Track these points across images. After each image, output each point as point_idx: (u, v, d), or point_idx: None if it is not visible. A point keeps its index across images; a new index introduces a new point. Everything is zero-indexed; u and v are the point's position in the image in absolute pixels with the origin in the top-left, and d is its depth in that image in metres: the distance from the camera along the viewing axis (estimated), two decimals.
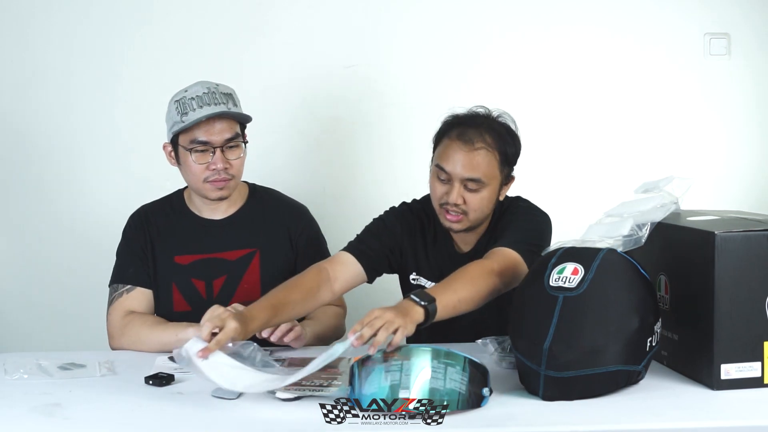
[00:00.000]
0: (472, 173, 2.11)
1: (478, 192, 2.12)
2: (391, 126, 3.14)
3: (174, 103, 2.26)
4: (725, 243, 1.73)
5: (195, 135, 2.23)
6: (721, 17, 3.17)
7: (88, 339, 2.75)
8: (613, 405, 1.69)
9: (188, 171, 2.27)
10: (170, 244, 2.33)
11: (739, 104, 3.21)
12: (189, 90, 2.26)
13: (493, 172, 2.13)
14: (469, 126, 2.14)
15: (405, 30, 3.13)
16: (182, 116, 2.22)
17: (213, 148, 2.23)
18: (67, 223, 3.09)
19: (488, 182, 2.13)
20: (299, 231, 2.37)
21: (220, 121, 2.24)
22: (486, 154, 2.11)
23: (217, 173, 2.24)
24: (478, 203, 2.13)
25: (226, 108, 2.24)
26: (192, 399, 1.76)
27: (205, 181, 2.26)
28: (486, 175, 2.12)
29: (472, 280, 1.95)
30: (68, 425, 1.65)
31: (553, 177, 3.11)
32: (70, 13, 3.05)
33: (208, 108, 2.21)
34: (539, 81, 3.15)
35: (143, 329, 2.19)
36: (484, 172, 2.11)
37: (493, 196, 2.16)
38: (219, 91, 2.26)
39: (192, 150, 2.23)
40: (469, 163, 2.11)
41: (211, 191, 2.27)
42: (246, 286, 2.28)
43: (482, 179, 2.11)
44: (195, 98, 2.23)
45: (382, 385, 1.64)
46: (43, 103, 3.07)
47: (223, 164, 2.24)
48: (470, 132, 2.13)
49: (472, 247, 2.25)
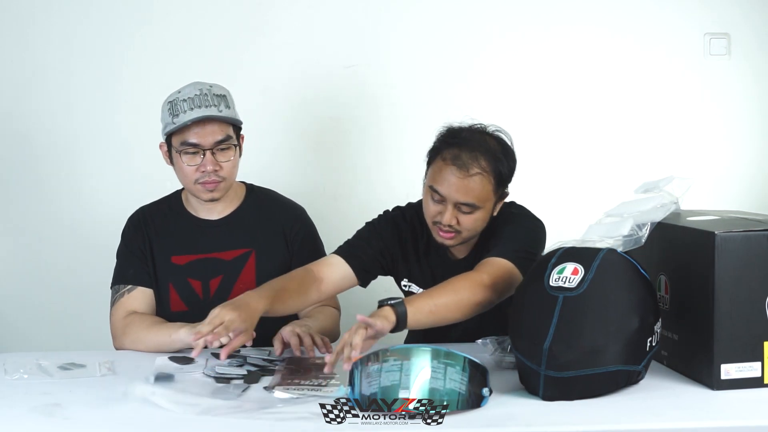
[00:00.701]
0: (466, 199, 2.08)
1: (471, 214, 2.10)
2: (391, 126, 3.14)
3: (167, 104, 2.27)
4: (725, 243, 1.73)
5: (185, 137, 2.23)
6: (721, 17, 3.17)
7: (88, 339, 2.76)
8: (613, 405, 1.69)
9: (180, 172, 2.29)
10: (167, 244, 2.34)
11: (739, 104, 3.21)
12: (182, 91, 2.26)
13: (487, 196, 2.10)
14: (463, 148, 2.09)
15: (405, 30, 3.13)
16: (173, 117, 2.23)
17: (203, 150, 2.23)
18: (67, 223, 3.09)
19: (482, 205, 2.10)
20: (294, 231, 2.38)
21: (210, 123, 2.23)
22: (481, 179, 2.08)
23: (207, 175, 2.24)
24: (471, 224, 2.11)
25: (217, 111, 2.23)
26: (192, 399, 1.75)
27: (195, 182, 2.26)
28: (480, 199, 2.09)
29: (455, 289, 1.96)
30: (68, 425, 1.65)
31: (553, 177, 3.11)
32: (70, 13, 3.05)
33: (198, 110, 2.21)
34: (540, 81, 3.15)
35: (141, 330, 2.19)
36: (478, 197, 2.08)
37: (487, 216, 2.14)
38: (212, 93, 2.25)
39: (182, 152, 2.24)
40: (463, 189, 2.07)
41: (203, 193, 2.28)
42: (242, 286, 2.29)
43: (476, 204, 2.09)
44: (187, 100, 2.23)
45: (382, 385, 1.64)
46: (43, 103, 3.07)
47: (213, 166, 2.24)
48: (465, 156, 2.08)
49: (467, 254, 2.23)
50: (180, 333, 2.10)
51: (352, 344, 1.78)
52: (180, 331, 2.11)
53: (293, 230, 2.38)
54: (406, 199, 2.36)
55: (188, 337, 2.05)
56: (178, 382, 1.88)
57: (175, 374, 1.91)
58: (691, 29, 3.17)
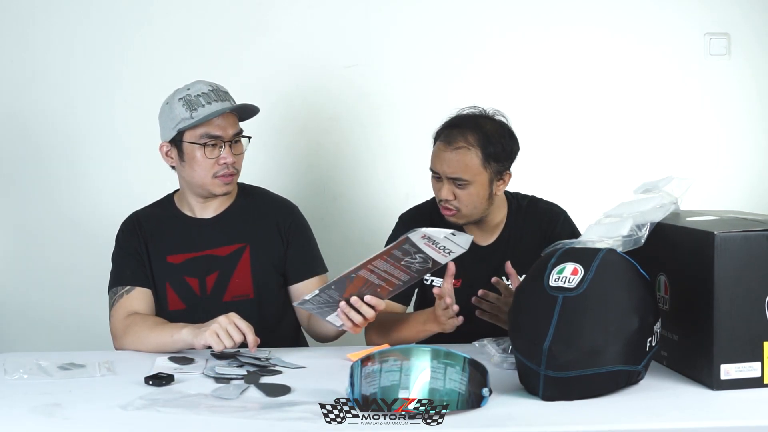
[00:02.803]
0: (454, 172, 2.22)
1: (465, 188, 2.23)
2: (391, 126, 3.14)
3: (179, 101, 2.28)
4: (725, 243, 1.73)
5: (207, 130, 2.26)
6: (721, 17, 3.17)
7: (88, 339, 2.76)
8: (613, 405, 1.69)
9: (196, 166, 2.29)
10: (162, 245, 2.35)
11: (739, 104, 3.21)
12: (192, 88, 2.29)
13: (475, 170, 2.22)
14: (455, 127, 2.25)
15: (405, 30, 3.13)
16: (191, 113, 2.25)
17: (223, 143, 2.27)
18: (67, 223, 3.09)
19: (472, 179, 2.22)
20: (287, 224, 2.39)
21: (229, 116, 2.30)
22: (465, 152, 2.21)
23: (226, 167, 2.28)
24: (467, 198, 2.23)
25: (231, 104, 2.29)
26: (192, 399, 1.75)
27: (214, 176, 2.28)
28: (468, 173, 2.21)
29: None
30: (68, 425, 1.65)
31: (553, 177, 3.10)
32: (70, 13, 3.06)
33: (217, 104, 2.26)
34: (540, 81, 3.15)
35: (143, 330, 2.19)
36: (464, 170, 2.21)
37: (483, 191, 2.24)
38: (220, 89, 2.31)
39: (205, 145, 2.26)
40: (448, 162, 2.22)
41: (219, 186, 2.30)
42: (237, 281, 2.30)
43: (464, 177, 2.21)
44: (201, 95, 2.27)
45: (382, 385, 1.64)
46: (44, 103, 3.07)
47: (232, 158, 2.28)
48: (454, 133, 2.24)
49: (493, 242, 2.34)
50: (182, 333, 2.10)
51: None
52: (182, 331, 2.11)
53: (286, 223, 2.39)
54: (405, 199, 2.37)
55: (190, 337, 2.06)
56: (178, 382, 1.88)
57: (175, 374, 1.91)
58: (691, 29, 3.17)
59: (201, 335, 2.04)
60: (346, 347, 2.16)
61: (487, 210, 2.30)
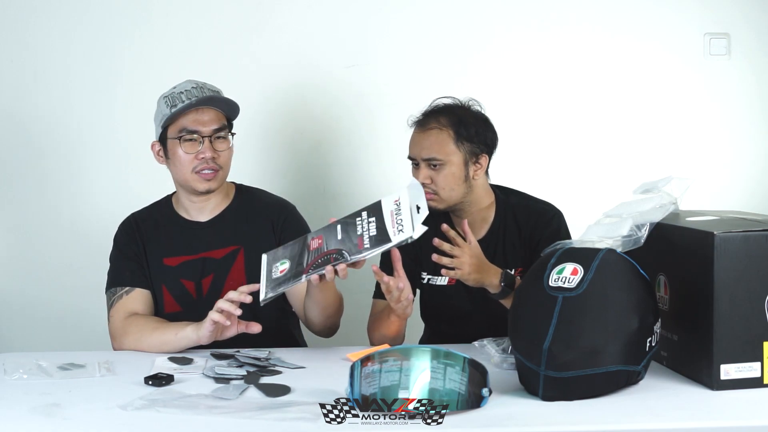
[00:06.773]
0: (427, 153, 2.27)
1: (440, 170, 2.26)
2: (391, 126, 3.12)
3: (163, 98, 2.30)
4: (725, 243, 1.73)
5: (184, 124, 2.27)
6: (721, 17, 3.17)
7: (88, 339, 2.76)
8: (613, 405, 1.69)
9: (177, 162, 2.29)
10: (159, 247, 2.35)
11: (739, 104, 3.21)
12: (177, 87, 2.31)
13: (447, 149, 2.27)
14: (428, 113, 2.33)
15: (405, 30, 3.13)
16: (171, 108, 2.26)
17: (202, 138, 2.26)
18: (67, 223, 3.09)
19: (446, 158, 2.26)
20: (282, 223, 2.37)
21: (208, 111, 2.28)
22: (438, 132, 2.27)
23: (205, 162, 2.27)
24: (443, 181, 2.27)
25: (213, 96, 2.29)
26: (191, 399, 1.75)
27: (193, 171, 2.28)
28: (441, 152, 2.26)
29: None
30: (68, 425, 1.65)
31: (553, 177, 3.10)
32: (70, 13, 3.05)
33: (196, 99, 2.26)
34: (539, 81, 3.15)
35: (145, 331, 2.19)
36: (438, 150, 2.27)
37: (459, 172, 2.28)
38: (206, 87, 2.31)
39: (181, 139, 2.26)
40: (420, 143, 2.29)
41: (200, 182, 2.29)
42: (232, 283, 2.29)
43: (437, 157, 2.26)
44: (184, 92, 2.27)
45: (382, 386, 1.64)
46: (43, 104, 3.07)
47: (212, 153, 2.27)
48: (427, 117, 2.32)
49: (484, 235, 2.33)
50: (186, 330, 2.11)
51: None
52: (186, 329, 2.11)
53: (280, 222, 2.37)
54: None
55: (194, 333, 2.08)
56: (177, 382, 1.88)
57: (175, 374, 1.91)
58: (691, 29, 3.17)
59: (203, 325, 2.07)
60: (346, 347, 2.16)
61: (467, 195, 2.30)
